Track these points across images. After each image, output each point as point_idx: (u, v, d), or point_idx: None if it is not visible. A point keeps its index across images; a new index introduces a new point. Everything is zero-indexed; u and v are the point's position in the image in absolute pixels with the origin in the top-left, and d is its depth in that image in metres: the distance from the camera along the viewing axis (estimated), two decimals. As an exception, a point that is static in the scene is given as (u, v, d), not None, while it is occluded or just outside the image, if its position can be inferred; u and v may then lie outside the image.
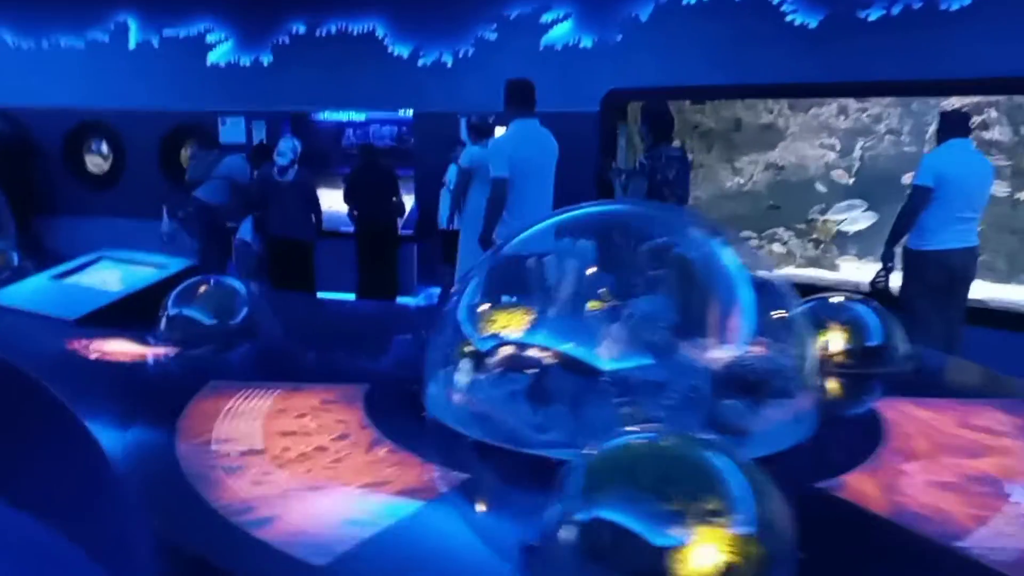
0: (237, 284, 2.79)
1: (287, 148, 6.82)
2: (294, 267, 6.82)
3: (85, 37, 8.69)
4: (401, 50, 7.95)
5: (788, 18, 6.41)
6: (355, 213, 7.13)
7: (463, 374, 1.93)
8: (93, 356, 2.45)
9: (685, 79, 6.62)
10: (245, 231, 6.96)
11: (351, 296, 7.11)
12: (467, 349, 1.97)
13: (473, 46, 7.67)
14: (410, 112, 8.21)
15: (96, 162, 9.19)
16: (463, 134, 7.12)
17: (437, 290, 7.45)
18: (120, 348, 2.52)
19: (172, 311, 2.61)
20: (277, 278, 6.74)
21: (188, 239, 7.79)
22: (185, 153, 8.78)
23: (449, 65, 7.78)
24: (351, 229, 7.31)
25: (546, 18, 7.38)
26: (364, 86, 8.10)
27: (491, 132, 6.83)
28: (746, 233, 6.86)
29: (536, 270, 2.24)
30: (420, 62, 7.89)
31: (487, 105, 7.57)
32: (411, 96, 7.96)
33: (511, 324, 1.98)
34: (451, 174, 6.72)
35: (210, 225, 7.35)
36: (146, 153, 8.83)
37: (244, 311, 2.66)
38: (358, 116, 8.64)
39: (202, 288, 2.68)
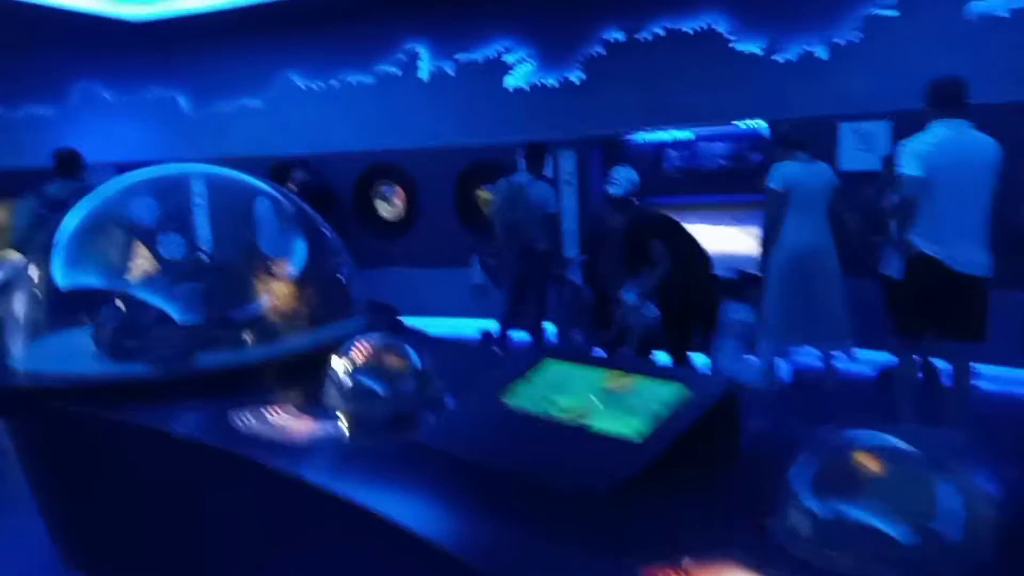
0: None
1: (623, 178, 5.43)
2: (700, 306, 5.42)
3: (374, 72, 7.94)
4: (750, 47, 6.30)
5: None
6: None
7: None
8: None
9: None
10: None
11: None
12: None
13: (860, 30, 5.85)
14: (755, 123, 6.55)
15: (387, 208, 8.45)
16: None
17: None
18: None
19: None
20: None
21: (497, 289, 6.70)
22: (483, 194, 7.75)
23: (825, 58, 6.01)
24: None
25: (966, -20, 5.42)
26: (698, 96, 6.55)
27: (804, 145, 5.24)
28: None
29: None
30: (779, 57, 6.19)
31: (876, 104, 5.76)
32: (763, 102, 6.29)
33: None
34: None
35: (539, 271, 6.18)
36: (441, 195, 7.92)
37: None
38: (683, 134, 7.11)
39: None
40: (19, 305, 3.57)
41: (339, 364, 2.51)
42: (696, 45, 6.51)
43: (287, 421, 2.43)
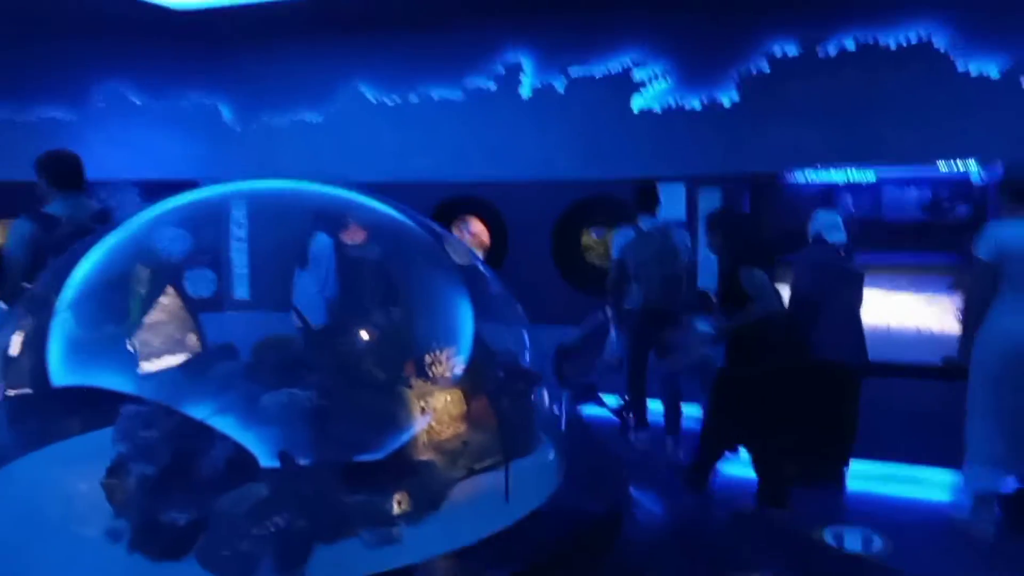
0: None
1: (830, 222, 4.00)
2: (829, 407, 3.89)
3: (463, 86, 6.51)
4: (980, 66, 4.85)
5: None
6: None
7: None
8: None
9: None
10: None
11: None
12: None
13: None
14: (967, 165, 5.09)
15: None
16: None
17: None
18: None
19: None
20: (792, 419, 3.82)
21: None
22: (589, 239, 6.29)
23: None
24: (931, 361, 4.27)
25: None
26: (893, 128, 5.10)
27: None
28: None
29: None
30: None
31: None
32: (991, 139, 4.82)
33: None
34: None
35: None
36: (535, 238, 6.44)
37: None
38: (863, 175, 5.63)
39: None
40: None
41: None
42: (901, 63, 5.05)
43: None
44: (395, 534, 1.73)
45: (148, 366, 2.14)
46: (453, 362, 2.08)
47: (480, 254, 6.86)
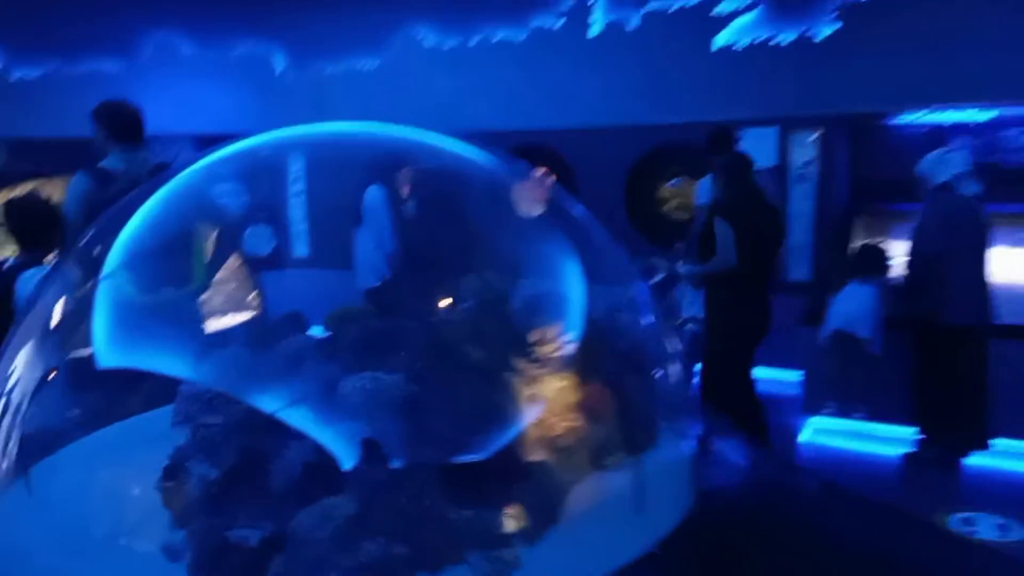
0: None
1: (960, 167, 3.53)
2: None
3: (527, 26, 6.04)
4: None
5: None
6: None
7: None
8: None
9: None
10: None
11: None
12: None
13: None
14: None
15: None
16: None
17: None
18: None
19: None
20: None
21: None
22: (667, 190, 5.84)
23: None
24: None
25: None
26: (1016, 62, 4.52)
27: None
28: None
29: None
30: None
31: None
32: None
33: None
34: None
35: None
36: (606, 189, 6.01)
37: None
38: (978, 115, 5.04)
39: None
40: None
41: None
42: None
43: None
44: (510, 558, 1.40)
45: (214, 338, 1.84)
46: (565, 338, 1.73)
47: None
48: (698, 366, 4.24)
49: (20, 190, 6.06)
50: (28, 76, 6.61)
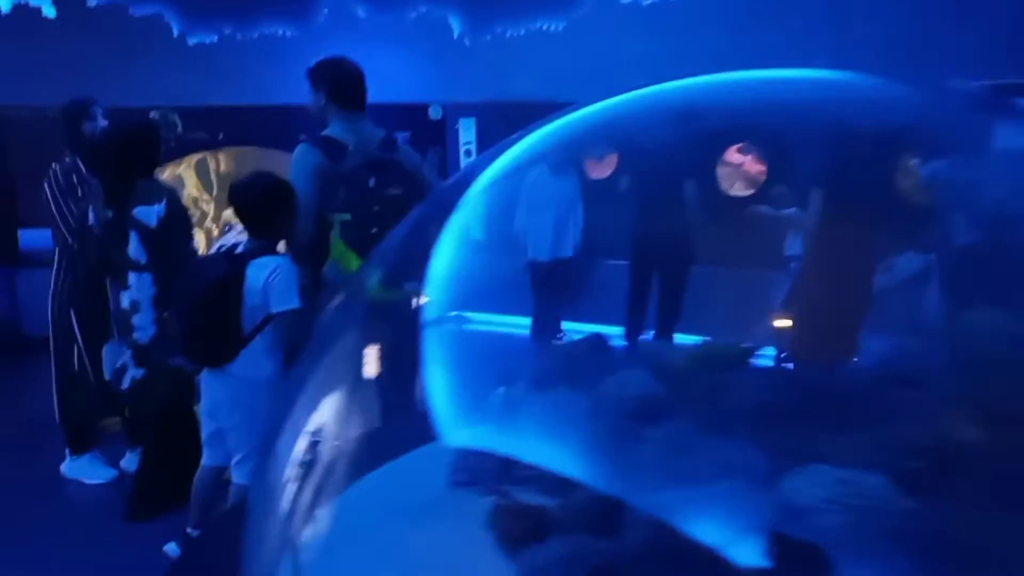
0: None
1: None
2: None
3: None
4: None
5: None
6: None
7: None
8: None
9: None
10: None
11: None
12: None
13: None
14: None
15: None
16: None
17: None
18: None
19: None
20: None
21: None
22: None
23: None
24: None
25: None
26: None
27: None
28: None
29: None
30: None
31: None
32: None
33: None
34: None
35: None
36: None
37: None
38: None
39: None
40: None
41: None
42: None
43: None
44: None
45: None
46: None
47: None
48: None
49: (235, 166, 5.88)
50: (204, 41, 6.41)
